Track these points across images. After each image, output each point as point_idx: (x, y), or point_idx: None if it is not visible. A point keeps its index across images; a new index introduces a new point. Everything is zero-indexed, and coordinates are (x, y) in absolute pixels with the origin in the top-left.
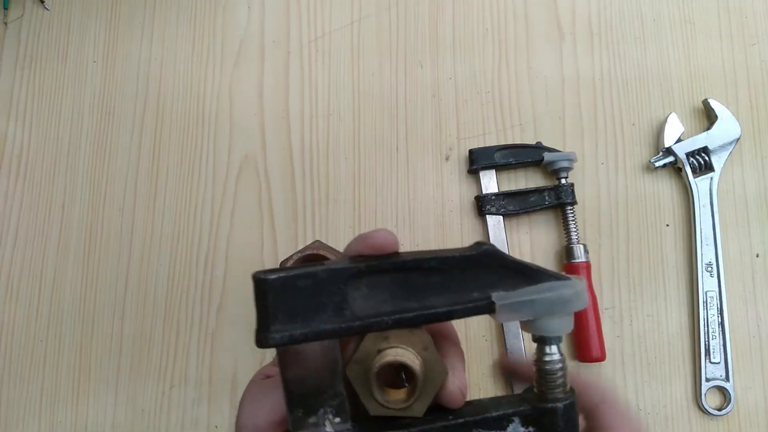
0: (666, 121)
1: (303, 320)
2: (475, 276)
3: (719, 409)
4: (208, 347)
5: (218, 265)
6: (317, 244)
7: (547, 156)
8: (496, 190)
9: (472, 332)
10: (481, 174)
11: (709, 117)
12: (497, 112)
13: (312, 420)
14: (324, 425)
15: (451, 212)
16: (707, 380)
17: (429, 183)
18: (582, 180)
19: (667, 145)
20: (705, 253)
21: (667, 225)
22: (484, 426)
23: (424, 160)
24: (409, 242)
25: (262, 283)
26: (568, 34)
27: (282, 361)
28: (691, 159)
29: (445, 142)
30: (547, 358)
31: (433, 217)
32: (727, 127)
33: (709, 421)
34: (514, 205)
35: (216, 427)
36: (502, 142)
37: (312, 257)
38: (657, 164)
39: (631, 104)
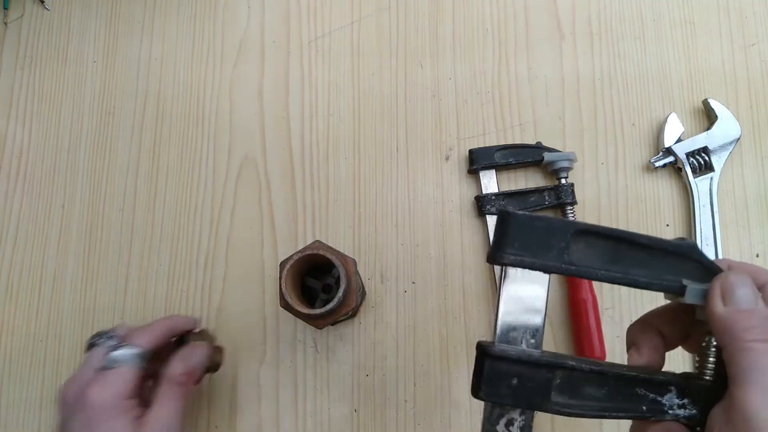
0: (666, 121)
1: (532, 252)
2: (674, 262)
3: None
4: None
5: (218, 265)
6: (317, 244)
7: (547, 156)
8: (496, 190)
9: (472, 332)
10: (481, 174)
11: (709, 117)
12: (497, 112)
13: (513, 335)
14: (521, 343)
15: (451, 212)
16: None
17: (429, 183)
18: (582, 180)
19: (667, 145)
20: (705, 253)
21: (667, 225)
22: (648, 387)
23: (424, 160)
24: (410, 242)
25: (507, 215)
26: (568, 34)
27: (507, 277)
28: (691, 159)
29: (445, 142)
30: (714, 343)
31: (433, 217)
32: (727, 127)
33: None
34: (514, 205)
35: (216, 427)
36: (502, 142)
37: (312, 257)
38: (657, 164)
39: (631, 104)
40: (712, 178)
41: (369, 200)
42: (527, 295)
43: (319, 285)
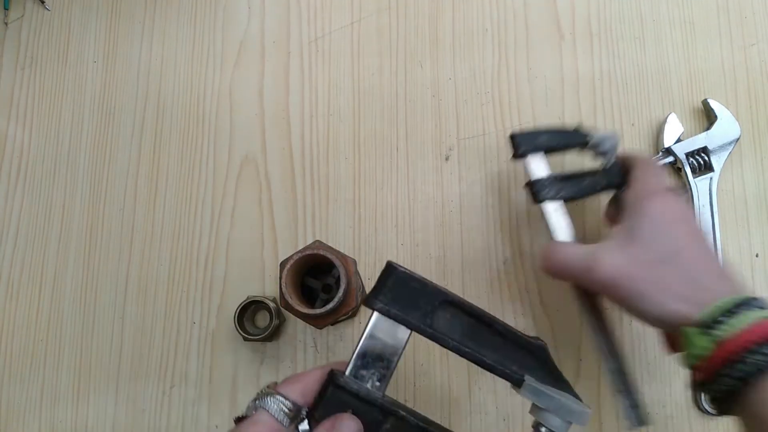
0: (665, 121)
1: (401, 307)
2: (522, 356)
3: None
4: (208, 347)
5: (218, 265)
6: (317, 244)
7: (596, 137)
8: (547, 174)
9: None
10: (530, 158)
11: (708, 117)
12: (497, 112)
13: (362, 373)
14: (367, 382)
15: (451, 212)
16: None
17: (429, 183)
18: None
19: (666, 145)
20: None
21: None
22: None
23: (424, 160)
24: (410, 242)
25: (392, 269)
26: (567, 34)
27: (374, 324)
28: (691, 159)
29: (445, 142)
30: None
31: (433, 217)
32: (726, 127)
33: (708, 421)
34: (568, 189)
35: (216, 426)
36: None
37: (312, 257)
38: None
39: (630, 104)
40: (711, 178)
41: (369, 200)
42: (387, 343)
43: (319, 285)
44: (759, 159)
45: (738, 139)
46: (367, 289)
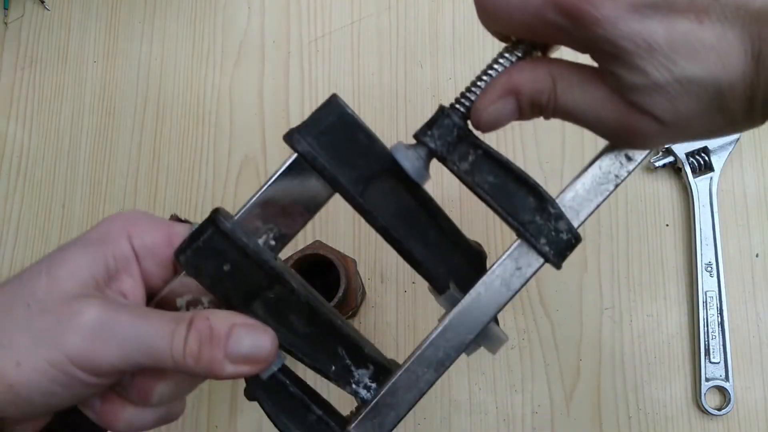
0: None
1: (332, 158)
2: (456, 259)
3: (719, 409)
4: None
5: None
6: (317, 244)
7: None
8: None
9: None
10: None
11: None
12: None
13: (257, 224)
14: (261, 237)
15: (451, 212)
16: (707, 380)
17: (429, 183)
18: None
19: (666, 145)
20: (705, 253)
21: (667, 225)
22: (350, 351)
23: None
24: None
25: (336, 105)
26: None
27: (290, 167)
28: (691, 159)
29: None
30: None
31: None
32: None
33: (708, 421)
34: None
35: (216, 426)
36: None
37: (312, 257)
38: (657, 164)
39: None
40: (711, 178)
41: None
42: (299, 196)
43: (319, 285)
44: (759, 159)
45: (738, 139)
46: (368, 290)
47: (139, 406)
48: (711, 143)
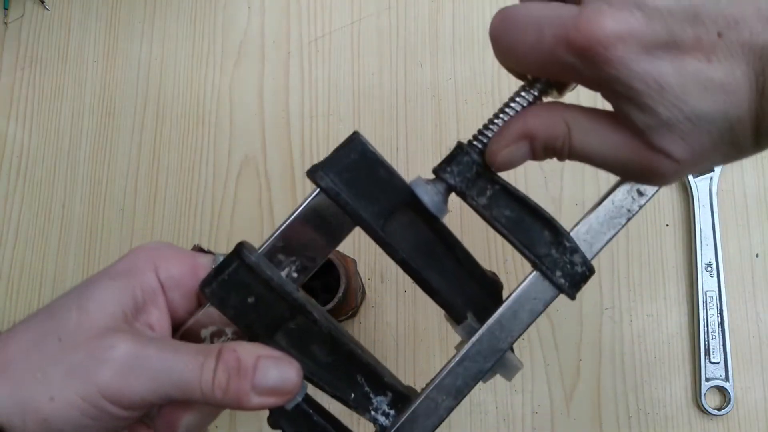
0: None
1: (353, 194)
2: (472, 289)
3: (719, 409)
4: None
5: None
6: None
7: None
8: None
9: None
10: None
11: None
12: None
13: (280, 257)
14: (283, 269)
15: (451, 212)
16: (707, 380)
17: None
18: (582, 180)
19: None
20: (705, 253)
21: (667, 225)
22: (368, 379)
23: (424, 160)
24: None
25: (358, 142)
26: None
27: (313, 203)
28: None
29: (445, 143)
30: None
31: None
32: None
33: (708, 421)
34: None
35: (216, 427)
36: None
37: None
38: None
39: None
40: (711, 179)
41: None
42: (323, 231)
43: (319, 285)
44: (759, 159)
45: None
46: (368, 290)
47: None
48: None
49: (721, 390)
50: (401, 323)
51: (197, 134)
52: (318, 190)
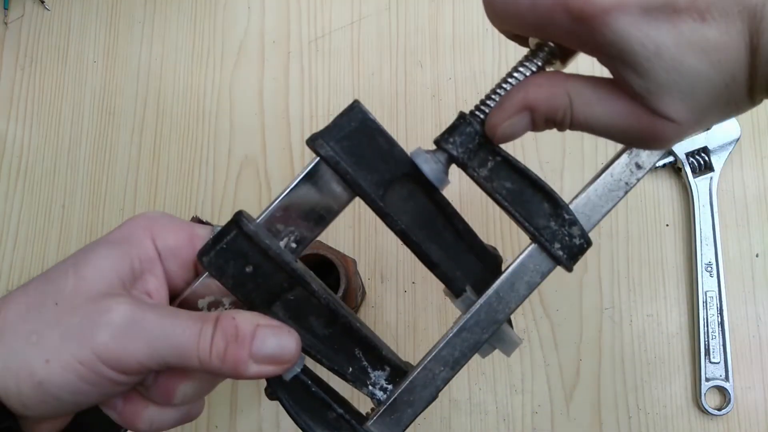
0: None
1: (354, 162)
2: (472, 262)
3: (719, 409)
4: None
5: None
6: (317, 244)
7: None
8: None
9: None
10: None
11: None
12: None
13: (278, 227)
14: (282, 239)
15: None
16: (707, 380)
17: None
18: (581, 180)
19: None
20: (705, 253)
21: (667, 225)
22: (366, 353)
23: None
24: None
25: (358, 111)
26: None
27: (312, 171)
28: (691, 159)
29: None
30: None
31: None
32: (726, 127)
33: (708, 420)
34: None
35: (216, 426)
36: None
37: (312, 257)
38: (657, 164)
39: None
40: (711, 178)
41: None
42: (320, 200)
43: None
44: (759, 159)
45: (738, 139)
46: (368, 290)
47: (160, 406)
48: (711, 143)
49: (721, 390)
50: (401, 323)
51: (197, 134)
52: (318, 158)
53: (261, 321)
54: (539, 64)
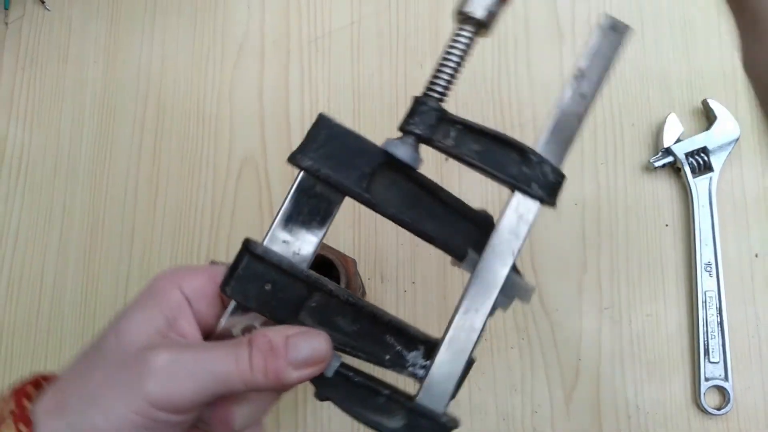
0: (665, 121)
1: (333, 166)
2: (467, 228)
3: (718, 409)
4: None
5: None
6: None
7: None
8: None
9: None
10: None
11: (708, 117)
12: (497, 112)
13: (285, 241)
14: (290, 253)
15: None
16: (706, 380)
17: None
18: (581, 180)
19: (666, 145)
20: (704, 253)
21: (667, 225)
22: (398, 337)
23: (423, 159)
24: (409, 242)
25: (324, 121)
26: (567, 34)
27: (300, 185)
28: (691, 159)
29: None
30: None
31: None
32: (726, 127)
33: (708, 420)
34: None
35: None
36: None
37: None
38: (656, 164)
39: (630, 105)
40: (711, 179)
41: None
42: (316, 207)
43: None
44: (759, 159)
45: (737, 139)
46: (368, 290)
47: None
48: (710, 143)
49: (721, 390)
50: None
51: (197, 134)
52: (301, 171)
53: (289, 331)
54: (472, 29)
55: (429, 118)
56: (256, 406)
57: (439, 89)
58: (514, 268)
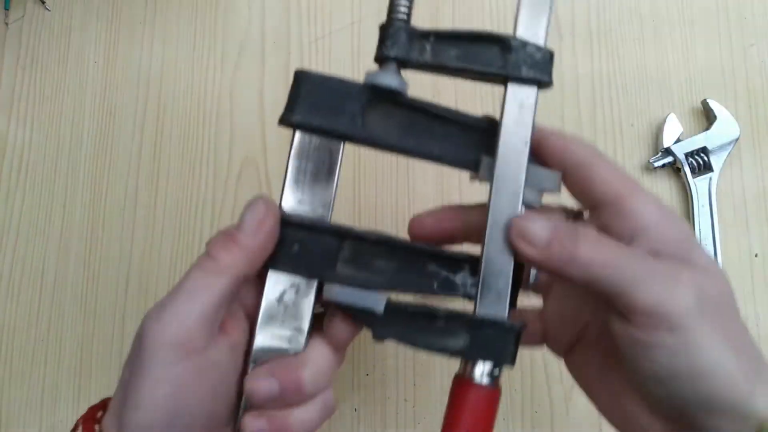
0: (665, 121)
1: (323, 115)
2: (472, 138)
3: None
4: None
5: None
6: None
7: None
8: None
9: None
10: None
11: (707, 117)
12: (497, 112)
13: (301, 200)
14: (309, 211)
15: None
16: None
17: (429, 183)
18: None
19: (666, 146)
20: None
21: None
22: (439, 263)
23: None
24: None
25: (303, 75)
26: (567, 34)
27: (298, 143)
28: (690, 159)
29: None
30: None
31: None
32: (725, 127)
33: None
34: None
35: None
36: None
37: None
38: (656, 164)
39: (630, 105)
40: (711, 179)
41: (369, 200)
42: (318, 162)
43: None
44: (758, 159)
45: (737, 139)
46: None
47: (299, 404)
48: (710, 143)
49: None
50: None
51: (198, 134)
52: (296, 131)
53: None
54: None
55: (400, 38)
56: (322, 369)
57: (402, 9)
58: (533, 159)
